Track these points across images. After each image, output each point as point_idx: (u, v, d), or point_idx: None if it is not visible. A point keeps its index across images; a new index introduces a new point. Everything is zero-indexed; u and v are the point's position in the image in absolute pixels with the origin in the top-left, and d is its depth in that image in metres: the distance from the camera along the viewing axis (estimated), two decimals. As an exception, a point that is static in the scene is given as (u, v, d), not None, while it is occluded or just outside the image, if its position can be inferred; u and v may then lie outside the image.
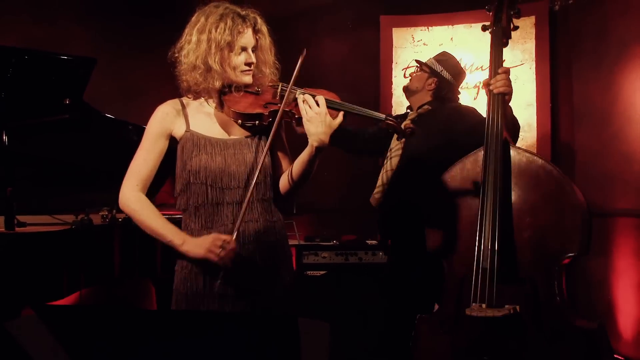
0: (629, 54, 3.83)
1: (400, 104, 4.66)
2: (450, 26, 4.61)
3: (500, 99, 2.26)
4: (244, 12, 1.95)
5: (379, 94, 4.72)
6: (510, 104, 2.36)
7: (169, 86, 2.18)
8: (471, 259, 2.18)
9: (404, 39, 4.70)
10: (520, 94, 4.40)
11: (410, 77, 3.28)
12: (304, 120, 1.89)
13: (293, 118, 1.95)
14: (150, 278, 3.69)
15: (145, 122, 2.06)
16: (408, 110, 3.25)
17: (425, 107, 3.09)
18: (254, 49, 1.96)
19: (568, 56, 4.36)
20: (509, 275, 2.16)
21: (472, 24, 4.55)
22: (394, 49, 4.71)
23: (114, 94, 4.33)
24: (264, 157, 1.91)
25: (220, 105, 1.99)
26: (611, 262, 3.89)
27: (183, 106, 2.00)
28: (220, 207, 1.94)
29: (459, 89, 3.25)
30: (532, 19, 4.41)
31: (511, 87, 2.29)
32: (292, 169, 1.98)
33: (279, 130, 2.01)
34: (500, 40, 2.34)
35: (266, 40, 1.99)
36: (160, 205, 3.87)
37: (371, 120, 2.08)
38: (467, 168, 2.35)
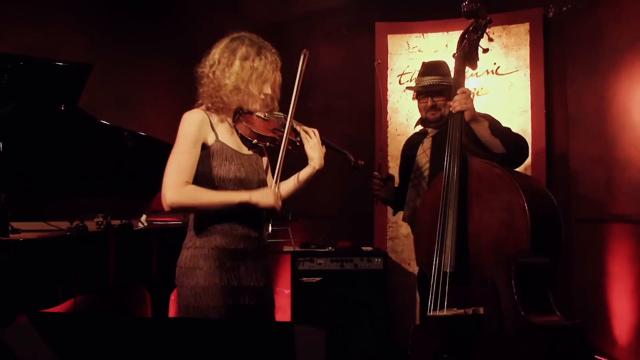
0: (622, 60, 3.85)
1: (395, 110, 4.67)
2: (445, 33, 4.63)
3: (459, 116, 2.50)
4: (274, 51, 2.24)
5: (374, 100, 4.72)
6: (504, 111, 2.52)
7: (164, 93, 2.21)
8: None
9: (399, 46, 4.72)
10: (514, 101, 4.42)
11: (434, 107, 3.10)
12: (307, 147, 2.27)
13: (293, 145, 2.26)
14: (145, 284, 3.69)
15: (141, 129, 2.08)
16: (425, 128, 3.23)
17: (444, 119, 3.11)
18: (276, 85, 2.24)
19: (562, 62, 4.38)
20: (472, 277, 2.30)
21: (467, 31, 4.57)
22: (389, 55, 4.72)
23: (109, 100, 4.33)
24: (277, 176, 2.16)
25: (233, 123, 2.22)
26: (606, 267, 3.89)
27: (208, 117, 2.15)
28: (240, 211, 2.12)
29: None
30: (527, 25, 4.43)
31: (469, 104, 2.51)
32: (296, 183, 2.32)
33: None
34: (462, 63, 2.57)
35: (280, 79, 2.26)
36: (156, 212, 3.90)
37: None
38: (438, 182, 2.53)
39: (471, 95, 2.54)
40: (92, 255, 2.99)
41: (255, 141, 2.19)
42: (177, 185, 2.02)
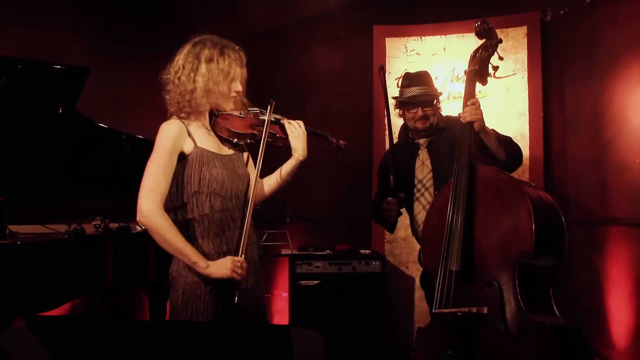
0: (619, 64, 3.86)
1: (393, 113, 4.67)
2: (443, 36, 4.64)
3: (469, 126, 2.61)
4: (237, 48, 2.25)
5: (371, 104, 4.73)
6: (502, 114, 2.58)
7: (162, 95, 2.21)
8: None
9: (397, 49, 4.73)
10: (512, 104, 4.43)
11: (424, 117, 3.09)
12: (291, 138, 2.29)
13: (274, 137, 2.28)
14: (142, 288, 3.68)
15: (139, 131, 2.09)
16: (412, 139, 3.20)
17: (439, 127, 3.12)
18: (242, 81, 2.26)
19: (560, 66, 4.39)
20: (477, 278, 2.39)
21: (465, 34, 4.58)
22: (387, 58, 4.73)
23: (107, 103, 4.33)
24: (258, 172, 2.17)
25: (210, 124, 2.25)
26: (604, 270, 3.90)
27: (185, 125, 2.16)
28: (227, 213, 2.15)
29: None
30: (524, 29, 4.45)
31: (479, 115, 2.62)
32: (280, 176, 2.33)
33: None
34: (473, 79, 2.72)
35: (245, 75, 2.27)
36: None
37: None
38: (447, 188, 2.60)
39: (479, 106, 2.65)
40: (90, 258, 2.99)
41: (235, 140, 2.23)
42: (153, 203, 2.03)
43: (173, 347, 1.23)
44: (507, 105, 4.43)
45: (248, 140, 2.27)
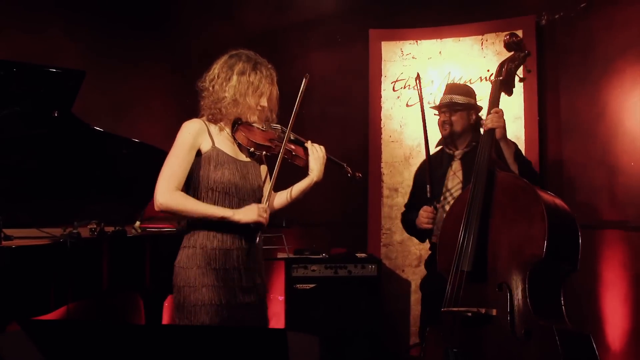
0: (613, 68, 3.88)
1: (389, 117, 4.69)
2: (438, 40, 4.65)
3: (491, 133, 2.70)
4: (270, 66, 2.40)
5: (367, 107, 4.74)
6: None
7: (158, 99, 2.23)
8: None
9: (392, 53, 4.73)
10: (507, 107, 4.37)
11: (445, 122, 3.18)
12: (311, 159, 2.43)
13: (291, 155, 2.40)
14: (138, 291, 3.67)
15: (134, 135, 2.10)
16: (448, 150, 3.25)
17: (472, 143, 3.13)
18: (268, 97, 2.38)
19: (555, 70, 4.41)
20: (488, 280, 2.42)
21: (461, 38, 4.59)
22: (383, 62, 4.74)
23: (103, 107, 4.32)
24: (272, 184, 2.31)
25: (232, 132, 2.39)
26: (598, 274, 3.91)
27: (207, 126, 2.32)
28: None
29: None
30: (520, 32, 4.44)
31: (501, 123, 2.73)
32: (291, 194, 2.46)
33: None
34: (498, 89, 2.83)
35: (277, 92, 2.43)
36: (149, 219, 3.89)
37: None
38: (465, 192, 2.67)
39: (502, 115, 2.75)
40: (86, 262, 2.98)
41: (252, 149, 2.36)
42: (167, 189, 2.20)
43: (170, 351, 1.23)
44: (503, 109, 4.41)
45: (264, 152, 2.41)
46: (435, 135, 3.27)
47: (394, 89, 4.70)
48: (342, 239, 4.53)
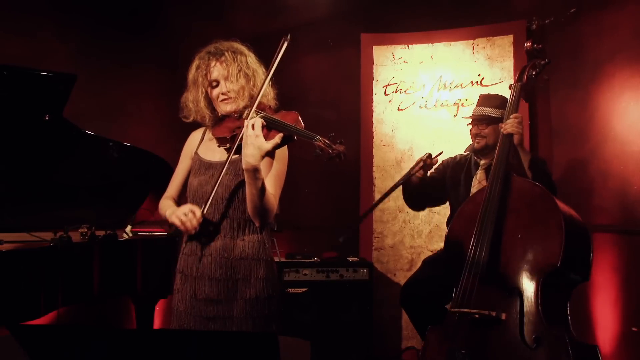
0: (603, 73, 3.91)
1: (381, 121, 4.70)
2: (430, 44, 4.67)
3: (509, 137, 2.75)
4: (212, 49, 2.14)
5: (359, 111, 4.75)
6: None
7: (150, 103, 2.23)
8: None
9: (384, 57, 4.75)
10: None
11: (478, 136, 3.29)
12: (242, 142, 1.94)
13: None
14: (130, 296, 3.65)
15: (126, 139, 2.09)
16: (476, 158, 3.34)
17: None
18: (226, 79, 2.11)
19: (545, 74, 4.42)
20: (500, 285, 2.42)
21: (452, 42, 4.61)
22: (374, 66, 4.75)
23: (94, 110, 4.30)
24: (220, 178, 2.02)
25: None
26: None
27: (204, 132, 2.28)
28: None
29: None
30: (510, 37, 4.48)
31: (520, 129, 2.77)
32: (248, 189, 2.01)
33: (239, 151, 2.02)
34: (518, 93, 2.86)
35: (233, 69, 2.11)
36: (140, 223, 3.87)
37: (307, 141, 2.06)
38: (479, 194, 2.71)
39: (522, 122, 2.79)
40: (76, 266, 2.96)
41: (220, 146, 2.09)
42: (162, 197, 2.28)
43: (160, 355, 1.22)
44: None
45: (227, 145, 2.04)
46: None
47: (385, 93, 4.72)
48: (334, 243, 4.53)
